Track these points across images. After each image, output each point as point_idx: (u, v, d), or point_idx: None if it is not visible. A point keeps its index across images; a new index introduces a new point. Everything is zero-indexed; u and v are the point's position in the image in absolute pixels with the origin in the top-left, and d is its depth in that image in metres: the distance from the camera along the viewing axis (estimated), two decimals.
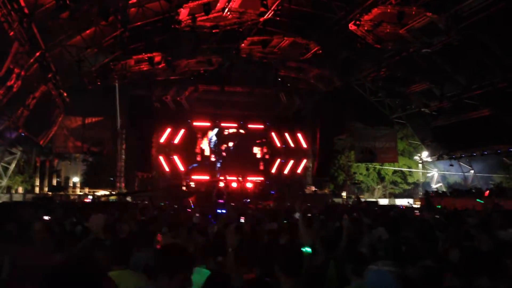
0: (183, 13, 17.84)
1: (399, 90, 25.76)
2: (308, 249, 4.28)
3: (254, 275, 3.89)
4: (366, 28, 19.25)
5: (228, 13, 17.84)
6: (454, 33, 17.94)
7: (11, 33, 14.35)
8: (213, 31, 19.90)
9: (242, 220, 8.84)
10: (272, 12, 18.18)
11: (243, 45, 21.93)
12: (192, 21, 18.15)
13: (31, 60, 16.54)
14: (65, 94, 21.51)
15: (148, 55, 21.52)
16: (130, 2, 17.64)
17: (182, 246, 3.44)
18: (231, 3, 17.16)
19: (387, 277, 2.80)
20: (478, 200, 20.07)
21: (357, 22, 18.86)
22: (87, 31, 18.86)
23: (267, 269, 3.69)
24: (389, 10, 17.73)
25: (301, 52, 22.79)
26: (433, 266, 4.35)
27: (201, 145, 31.70)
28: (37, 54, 16.61)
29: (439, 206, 19.10)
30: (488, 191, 23.48)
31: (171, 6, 17.87)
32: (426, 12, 17.49)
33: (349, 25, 19.10)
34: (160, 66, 22.58)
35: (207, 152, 31.73)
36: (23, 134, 20.95)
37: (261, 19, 18.85)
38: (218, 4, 17.32)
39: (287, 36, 21.39)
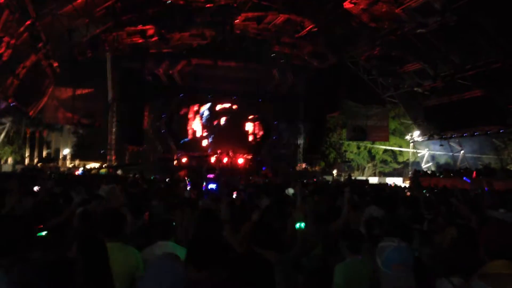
0: None
1: (393, 69, 25.69)
2: (302, 225, 4.29)
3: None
4: (361, 6, 19.08)
5: None
6: (449, 13, 17.83)
7: (1, 1, 14.05)
8: (207, 5, 19.63)
9: (234, 195, 8.85)
10: None
11: (237, 21, 21.69)
12: None
13: (22, 29, 16.24)
14: (55, 65, 21.19)
15: (141, 27, 21.21)
16: None
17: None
18: None
19: (408, 252, 2.80)
20: (464, 178, 20.31)
21: (353, 1, 18.68)
22: (78, 0, 18.50)
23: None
24: None
25: (296, 29, 22.59)
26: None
27: (193, 121, 31.59)
28: (28, 22, 16.30)
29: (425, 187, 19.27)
30: (475, 172, 23.69)
31: None
32: None
33: (345, 3, 18.90)
34: (152, 39, 22.31)
35: (199, 127, 31.65)
36: (12, 104, 20.67)
37: None
38: None
39: (282, 13, 21.16)
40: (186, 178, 18.09)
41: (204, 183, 13.69)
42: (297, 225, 4.26)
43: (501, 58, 19.62)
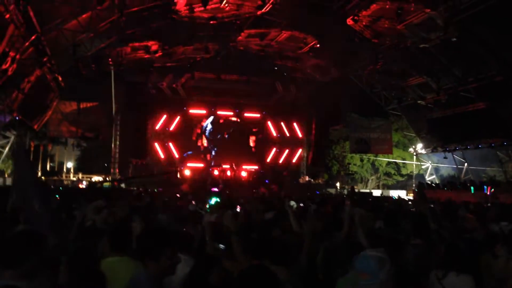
0: (181, 3, 17.69)
1: (396, 83, 25.77)
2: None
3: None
4: (364, 23, 19.23)
5: (226, 5, 17.71)
6: (452, 29, 17.93)
7: (7, 16, 14.18)
8: (211, 22, 19.79)
9: (238, 209, 8.83)
10: (270, 6, 18.04)
11: (240, 37, 21.85)
12: (190, 12, 18.02)
13: (27, 44, 16.36)
14: (60, 79, 21.32)
15: (145, 43, 21.37)
16: None
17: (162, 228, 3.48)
18: None
19: (374, 261, 2.80)
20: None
21: (355, 18, 18.81)
22: (84, 15, 18.66)
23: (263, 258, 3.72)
24: (387, 6, 17.70)
25: (299, 46, 22.74)
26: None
27: (197, 133, 31.65)
28: (33, 37, 16.42)
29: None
30: (489, 187, 23.29)
31: None
32: (425, 8, 17.48)
33: (347, 20, 19.04)
34: (156, 55, 22.50)
35: (202, 140, 31.70)
36: (17, 118, 20.78)
37: (259, 12, 18.69)
38: None
39: (284, 30, 21.31)
40: (190, 191, 18.10)
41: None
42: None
43: (503, 71, 19.69)
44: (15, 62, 15.80)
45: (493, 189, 21.49)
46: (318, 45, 22.42)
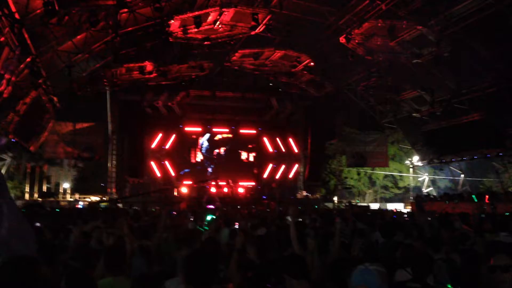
0: (174, 24, 17.83)
1: (390, 97, 25.92)
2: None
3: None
4: (357, 41, 19.43)
5: (219, 26, 17.87)
6: (444, 44, 18.13)
7: (2, 39, 14.26)
8: (204, 43, 19.96)
9: (236, 226, 8.80)
10: (264, 27, 18.21)
11: (234, 57, 22.03)
12: (184, 33, 18.18)
13: (22, 66, 16.44)
14: (55, 100, 21.39)
15: (139, 64, 21.49)
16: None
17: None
18: (222, 16, 17.20)
19: (371, 275, 2.80)
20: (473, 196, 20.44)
21: (348, 36, 19.01)
22: (78, 37, 18.79)
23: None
24: (379, 24, 17.91)
25: (292, 64, 22.94)
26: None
27: (193, 151, 31.64)
28: (28, 59, 16.51)
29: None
30: (487, 196, 23.34)
31: (161, 16, 17.93)
32: (416, 25, 17.70)
33: (340, 38, 19.25)
34: (151, 75, 22.63)
35: (198, 158, 31.68)
36: (13, 140, 20.76)
37: (253, 33, 18.87)
38: (210, 17, 17.35)
39: (278, 49, 21.51)
40: (188, 209, 18.01)
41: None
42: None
43: (496, 82, 19.85)
44: (10, 84, 15.84)
45: (488, 199, 21.48)
46: (311, 64, 22.62)
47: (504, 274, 2.88)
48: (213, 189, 29.28)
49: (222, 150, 31.84)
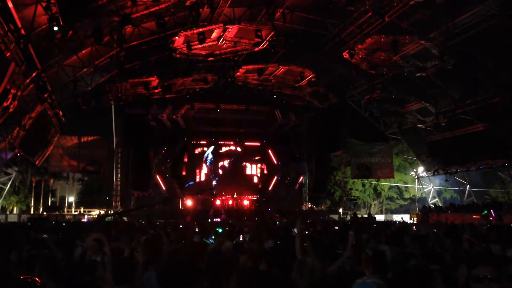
0: (178, 41, 17.94)
1: (394, 110, 25.92)
2: None
3: None
4: (360, 56, 19.50)
5: (223, 42, 17.94)
6: (447, 57, 18.17)
7: (8, 54, 14.38)
8: (208, 59, 20.07)
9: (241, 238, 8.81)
10: (267, 43, 18.29)
11: (238, 73, 22.13)
12: (187, 49, 18.26)
13: (27, 81, 16.55)
14: (61, 114, 21.50)
15: (144, 79, 21.62)
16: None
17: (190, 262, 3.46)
18: (226, 33, 17.29)
19: None
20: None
21: (351, 52, 19.08)
22: (83, 51, 18.94)
23: None
24: (382, 40, 17.99)
25: (296, 79, 23.03)
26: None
27: (198, 163, 31.70)
28: (34, 74, 16.62)
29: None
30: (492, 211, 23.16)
31: (165, 31, 18.09)
32: (419, 40, 17.76)
33: (344, 54, 19.33)
34: (156, 90, 22.79)
35: (203, 170, 31.72)
36: (19, 154, 20.85)
37: (256, 49, 18.94)
38: (214, 34, 17.42)
39: (282, 65, 21.61)
40: (193, 223, 17.99)
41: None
42: None
43: (500, 92, 19.84)
44: (16, 99, 15.94)
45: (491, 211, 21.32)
46: (314, 79, 22.78)
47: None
48: (218, 202, 29.27)
49: (226, 162, 31.86)
